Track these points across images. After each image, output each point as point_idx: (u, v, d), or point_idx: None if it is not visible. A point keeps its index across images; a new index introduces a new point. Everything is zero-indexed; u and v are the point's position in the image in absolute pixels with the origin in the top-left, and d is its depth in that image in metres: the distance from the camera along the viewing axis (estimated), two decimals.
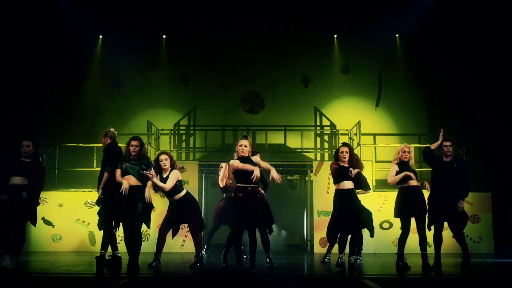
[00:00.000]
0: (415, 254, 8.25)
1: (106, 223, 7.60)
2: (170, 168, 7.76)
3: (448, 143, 8.10)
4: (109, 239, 7.57)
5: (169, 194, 7.78)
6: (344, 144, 7.70)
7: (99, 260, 7.26)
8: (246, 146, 6.96)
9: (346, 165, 7.47)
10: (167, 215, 7.98)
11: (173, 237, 8.06)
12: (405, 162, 7.85)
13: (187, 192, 7.90)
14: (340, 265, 7.26)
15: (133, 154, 7.24)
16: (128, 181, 7.15)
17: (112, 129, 8.00)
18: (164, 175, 7.72)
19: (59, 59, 13.25)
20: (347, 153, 7.52)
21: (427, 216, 7.79)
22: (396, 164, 7.90)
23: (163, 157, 7.76)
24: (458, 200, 7.69)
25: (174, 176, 7.69)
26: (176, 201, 7.81)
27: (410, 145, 8.09)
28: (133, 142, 7.25)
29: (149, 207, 7.36)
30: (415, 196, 7.71)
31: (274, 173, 6.77)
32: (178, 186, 7.77)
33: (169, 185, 7.63)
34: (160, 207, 10.95)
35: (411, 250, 8.46)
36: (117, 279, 6.63)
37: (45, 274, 7.19)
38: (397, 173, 7.84)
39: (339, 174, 7.46)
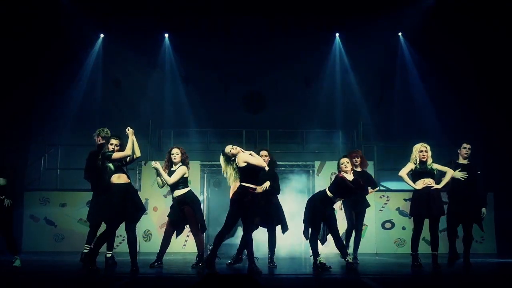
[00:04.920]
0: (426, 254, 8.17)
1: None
2: (180, 163, 7.80)
3: (468, 146, 7.98)
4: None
5: (171, 188, 7.83)
6: (344, 156, 7.89)
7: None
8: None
9: (350, 178, 7.52)
10: (170, 214, 7.98)
11: (177, 236, 8.07)
12: (424, 161, 7.71)
13: (189, 191, 7.87)
14: (321, 266, 7.39)
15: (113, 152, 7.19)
16: (121, 179, 7.08)
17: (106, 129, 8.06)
18: (173, 168, 7.79)
19: (60, 58, 13.24)
20: (348, 163, 7.66)
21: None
22: (413, 163, 7.74)
23: (174, 151, 7.87)
24: (481, 207, 7.83)
25: (179, 171, 7.74)
26: (176, 198, 7.83)
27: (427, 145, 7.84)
28: (113, 141, 7.17)
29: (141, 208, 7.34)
30: (428, 197, 7.57)
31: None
32: (181, 182, 7.78)
33: (173, 179, 7.69)
34: (162, 207, 11.01)
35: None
36: (118, 279, 6.63)
37: (47, 274, 7.20)
38: (413, 172, 7.77)
39: (344, 191, 7.50)
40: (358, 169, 8.55)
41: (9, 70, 11.69)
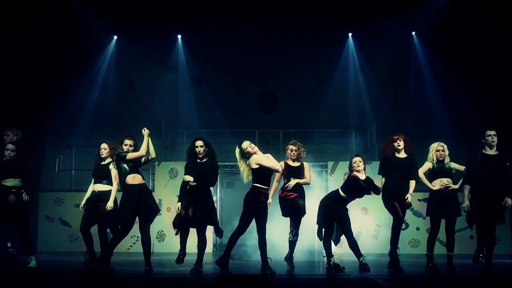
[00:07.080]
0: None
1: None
2: (110, 158, 7.80)
3: (492, 132, 7.03)
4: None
5: (97, 178, 7.92)
6: (356, 155, 7.79)
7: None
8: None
9: (363, 177, 7.48)
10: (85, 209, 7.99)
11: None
12: (441, 160, 7.60)
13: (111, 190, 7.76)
14: (335, 267, 7.38)
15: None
16: (136, 179, 7.10)
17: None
18: (103, 163, 7.85)
19: (74, 59, 13.34)
20: (360, 162, 7.59)
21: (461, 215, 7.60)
22: (431, 162, 7.62)
23: (102, 146, 7.89)
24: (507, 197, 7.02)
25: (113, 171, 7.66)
26: (95, 193, 7.89)
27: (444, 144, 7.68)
28: (127, 142, 7.16)
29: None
30: (445, 197, 7.48)
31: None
32: (107, 177, 7.77)
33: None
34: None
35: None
36: (133, 279, 6.66)
37: (62, 274, 7.26)
38: (430, 171, 7.68)
39: (357, 190, 7.44)
40: (402, 154, 7.68)
41: (23, 72, 11.78)
